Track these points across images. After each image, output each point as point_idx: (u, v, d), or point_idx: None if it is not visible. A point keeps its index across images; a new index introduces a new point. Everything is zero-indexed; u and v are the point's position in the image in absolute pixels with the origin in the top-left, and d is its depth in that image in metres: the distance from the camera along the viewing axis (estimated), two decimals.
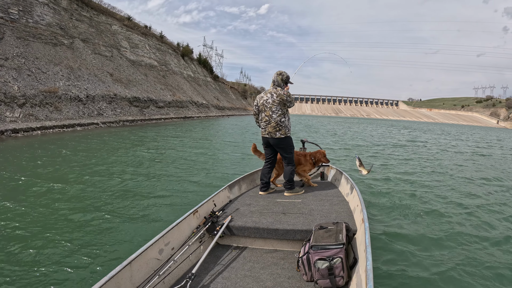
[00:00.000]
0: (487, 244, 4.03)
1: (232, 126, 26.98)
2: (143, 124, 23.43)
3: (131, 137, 14.55)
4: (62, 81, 19.94)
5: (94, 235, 3.94)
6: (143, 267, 2.30)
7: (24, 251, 3.44)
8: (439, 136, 28.71)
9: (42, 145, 10.48)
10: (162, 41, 44.96)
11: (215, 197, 3.73)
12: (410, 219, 4.82)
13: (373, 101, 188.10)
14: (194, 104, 40.42)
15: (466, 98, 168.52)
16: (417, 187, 6.97)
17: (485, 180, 8.14)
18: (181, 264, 2.62)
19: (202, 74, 57.97)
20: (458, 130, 46.86)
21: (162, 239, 2.58)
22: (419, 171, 8.90)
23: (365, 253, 2.16)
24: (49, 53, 20.43)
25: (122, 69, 28.61)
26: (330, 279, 2.28)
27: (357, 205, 3.28)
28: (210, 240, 3.07)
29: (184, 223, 2.94)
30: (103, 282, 1.91)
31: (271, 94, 4.10)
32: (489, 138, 30.49)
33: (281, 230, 3.01)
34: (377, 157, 11.65)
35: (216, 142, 14.39)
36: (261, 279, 2.51)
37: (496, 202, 6.02)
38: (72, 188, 5.60)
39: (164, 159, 8.99)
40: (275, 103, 4.07)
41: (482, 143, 22.49)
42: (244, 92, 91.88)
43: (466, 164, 11.09)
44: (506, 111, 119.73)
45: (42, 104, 17.34)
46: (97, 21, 29.46)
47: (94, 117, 20.27)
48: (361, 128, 35.12)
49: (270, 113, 4.12)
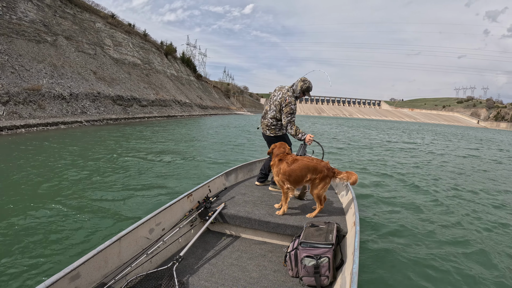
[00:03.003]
0: (479, 256, 3.94)
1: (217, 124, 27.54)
2: (127, 122, 23.64)
3: (127, 134, 14.94)
4: (45, 79, 19.98)
5: (86, 213, 4.25)
6: (132, 245, 2.34)
7: (18, 222, 3.86)
8: (434, 137, 28.93)
9: (38, 141, 10.80)
10: (146, 39, 44.88)
11: (211, 183, 3.75)
12: (401, 225, 4.78)
13: (356, 101, 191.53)
14: (177, 103, 40.63)
15: (447, 99, 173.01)
16: (412, 192, 6.99)
17: (481, 186, 8.12)
18: (170, 245, 2.67)
19: (186, 73, 58.04)
20: (446, 131, 47.74)
21: (154, 219, 2.61)
22: (415, 175, 8.94)
23: (352, 256, 2.17)
24: (32, 50, 20.41)
25: (105, 67, 28.62)
26: (315, 278, 2.30)
27: (350, 208, 3.27)
28: (201, 225, 3.13)
29: (177, 205, 2.97)
30: (91, 255, 1.98)
31: (280, 93, 3.99)
32: (485, 139, 29.62)
33: (273, 223, 3.01)
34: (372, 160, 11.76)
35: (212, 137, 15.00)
36: (247, 269, 2.53)
37: (491, 205, 6.20)
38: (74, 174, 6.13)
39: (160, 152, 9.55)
40: (275, 103, 3.98)
41: (480, 145, 22.88)
42: (227, 92, 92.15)
43: (467, 166, 11.25)
44: (487, 111, 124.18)
45: (26, 102, 17.43)
46: (80, 18, 29.31)
47: (78, 115, 20.42)
48: (343, 129, 33.25)
49: (268, 109, 4.08)
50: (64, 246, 3.43)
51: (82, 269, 1.90)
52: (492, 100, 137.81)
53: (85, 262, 1.91)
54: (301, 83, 3.93)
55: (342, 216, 3.29)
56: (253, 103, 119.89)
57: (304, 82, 3.93)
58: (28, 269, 2.98)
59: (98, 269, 2.02)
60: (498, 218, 5.44)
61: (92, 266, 1.97)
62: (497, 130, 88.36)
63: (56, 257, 3.18)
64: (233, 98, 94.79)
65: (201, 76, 72.05)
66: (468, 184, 8.26)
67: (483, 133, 53.91)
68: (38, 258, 3.18)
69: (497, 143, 26.80)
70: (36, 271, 2.95)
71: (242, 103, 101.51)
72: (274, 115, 4.01)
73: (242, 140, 16.19)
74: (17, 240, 3.53)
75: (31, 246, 3.41)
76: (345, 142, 18.13)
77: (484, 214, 5.64)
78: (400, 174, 8.97)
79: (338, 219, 3.16)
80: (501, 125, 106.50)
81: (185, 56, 65.36)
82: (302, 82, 3.93)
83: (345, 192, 3.92)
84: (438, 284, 3.24)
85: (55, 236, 3.66)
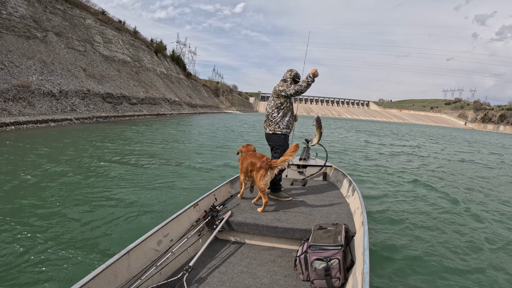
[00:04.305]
0: (491, 253, 3.97)
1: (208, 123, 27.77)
2: (116, 120, 23.71)
3: (125, 133, 15.10)
4: (35, 76, 19.93)
5: (93, 226, 4.10)
6: (140, 257, 2.33)
7: (24, 240, 3.62)
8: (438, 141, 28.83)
9: (41, 138, 10.93)
10: (136, 36, 44.71)
11: (216, 191, 3.76)
12: (410, 224, 4.76)
13: (345, 101, 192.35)
14: (167, 101, 40.68)
15: (435, 100, 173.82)
16: (420, 192, 7.01)
17: (486, 183, 8.49)
18: (179, 256, 2.65)
19: (175, 71, 57.96)
20: (440, 133, 48.50)
21: (161, 230, 2.61)
22: (423, 177, 8.98)
23: (362, 256, 2.17)
24: (22, 46, 20.31)
25: (95, 64, 28.54)
26: (326, 280, 2.29)
27: (358, 208, 3.26)
28: (209, 234, 3.10)
29: (184, 215, 2.98)
30: (100, 269, 1.95)
31: (273, 89, 4.09)
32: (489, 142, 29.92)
33: (280, 228, 3.01)
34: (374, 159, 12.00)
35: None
36: (257, 275, 2.52)
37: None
38: (74, 178, 6.26)
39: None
40: (272, 96, 4.07)
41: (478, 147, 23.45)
42: (217, 90, 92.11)
43: (468, 169, 11.59)
44: (474, 113, 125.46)
45: (15, 99, 17.40)
46: (71, 15, 29.11)
47: (68, 113, 20.43)
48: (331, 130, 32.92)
49: (267, 106, 4.14)
50: (74, 261, 3.32)
51: (92, 285, 1.87)
52: (480, 102, 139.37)
53: (94, 277, 1.89)
54: (289, 72, 4.09)
55: (350, 216, 3.31)
56: (242, 102, 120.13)
57: (291, 70, 4.09)
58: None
59: (108, 284, 2.01)
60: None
61: (102, 281, 1.96)
62: (484, 131, 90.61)
63: (68, 270, 3.10)
64: (222, 97, 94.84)
65: (190, 74, 71.96)
66: (478, 186, 8.42)
67: (479, 135, 54.70)
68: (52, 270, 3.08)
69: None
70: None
71: (231, 102, 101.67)
72: (272, 105, 4.04)
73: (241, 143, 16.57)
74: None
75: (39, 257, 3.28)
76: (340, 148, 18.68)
77: (500, 215, 5.72)
78: (407, 173, 9.19)
79: (346, 220, 3.18)
80: (488, 126, 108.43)
81: (175, 54, 65.18)
82: (290, 71, 4.09)
83: (352, 193, 3.92)
84: (449, 282, 3.22)
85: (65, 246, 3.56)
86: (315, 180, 5.27)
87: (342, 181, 4.69)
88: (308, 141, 5.50)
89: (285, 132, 4.02)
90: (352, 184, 4.06)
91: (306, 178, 5.24)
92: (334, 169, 5.29)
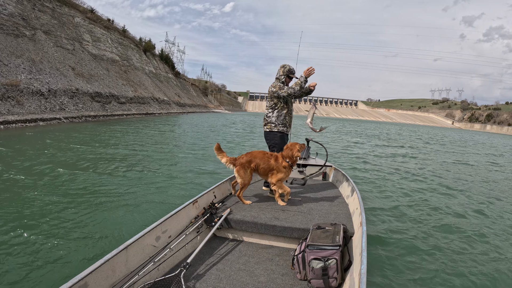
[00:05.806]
0: (488, 257, 3.95)
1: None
2: (105, 120, 23.81)
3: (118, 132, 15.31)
4: (24, 74, 19.93)
5: (91, 222, 4.14)
6: (138, 253, 2.33)
7: (22, 236, 3.65)
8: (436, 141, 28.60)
9: (43, 134, 11.12)
10: (125, 35, 44.52)
11: (216, 188, 3.77)
12: (409, 226, 4.76)
13: (333, 101, 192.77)
14: (156, 100, 40.74)
15: (423, 100, 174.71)
16: (420, 193, 6.99)
17: (486, 186, 8.34)
18: (177, 252, 2.66)
19: (164, 70, 57.86)
20: (434, 133, 48.78)
21: (160, 226, 2.62)
22: (423, 178, 8.97)
23: (360, 256, 2.18)
24: (10, 45, 20.27)
25: (84, 63, 28.50)
26: (323, 280, 2.30)
27: (356, 208, 3.27)
28: (208, 231, 3.11)
29: (183, 212, 2.99)
30: (98, 264, 1.96)
31: (268, 89, 4.10)
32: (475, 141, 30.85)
33: (279, 227, 3.02)
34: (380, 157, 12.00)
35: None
36: (255, 273, 2.53)
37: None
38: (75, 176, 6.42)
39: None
40: (268, 97, 4.10)
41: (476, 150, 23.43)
42: (205, 90, 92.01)
43: (468, 168, 11.71)
44: (461, 112, 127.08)
45: (4, 98, 17.43)
46: (59, 13, 28.96)
47: (57, 112, 20.50)
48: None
49: (265, 106, 4.18)
50: (71, 256, 3.37)
51: (89, 279, 1.88)
52: (467, 102, 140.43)
53: (92, 271, 1.91)
54: (282, 68, 4.08)
55: (349, 217, 3.31)
56: (230, 101, 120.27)
57: (284, 66, 4.07)
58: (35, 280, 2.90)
59: (105, 278, 2.02)
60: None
61: (100, 276, 1.97)
62: (471, 131, 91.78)
63: (64, 266, 3.15)
64: (211, 96, 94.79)
65: (179, 74, 71.82)
66: (476, 184, 8.50)
67: (468, 134, 55.11)
68: (48, 266, 3.09)
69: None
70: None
71: (220, 101, 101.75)
72: (268, 106, 4.12)
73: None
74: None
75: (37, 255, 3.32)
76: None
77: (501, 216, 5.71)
78: (407, 174, 9.35)
79: (345, 220, 3.18)
80: (475, 126, 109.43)
81: (164, 53, 64.94)
82: (282, 67, 4.08)
83: (351, 193, 3.93)
84: (447, 284, 3.24)
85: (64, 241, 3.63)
86: (314, 179, 5.30)
87: (342, 181, 4.71)
88: (308, 141, 5.49)
89: (282, 130, 4.07)
90: (352, 185, 4.07)
91: (305, 177, 5.29)
92: (334, 169, 5.29)
